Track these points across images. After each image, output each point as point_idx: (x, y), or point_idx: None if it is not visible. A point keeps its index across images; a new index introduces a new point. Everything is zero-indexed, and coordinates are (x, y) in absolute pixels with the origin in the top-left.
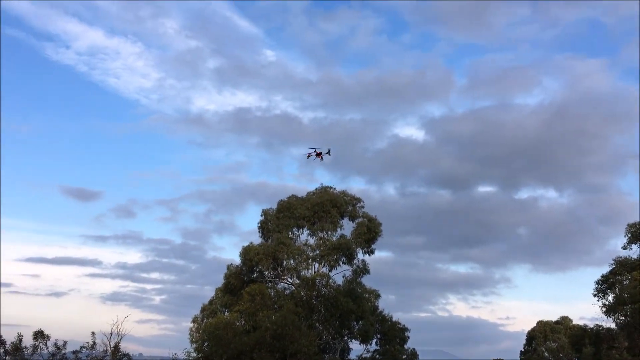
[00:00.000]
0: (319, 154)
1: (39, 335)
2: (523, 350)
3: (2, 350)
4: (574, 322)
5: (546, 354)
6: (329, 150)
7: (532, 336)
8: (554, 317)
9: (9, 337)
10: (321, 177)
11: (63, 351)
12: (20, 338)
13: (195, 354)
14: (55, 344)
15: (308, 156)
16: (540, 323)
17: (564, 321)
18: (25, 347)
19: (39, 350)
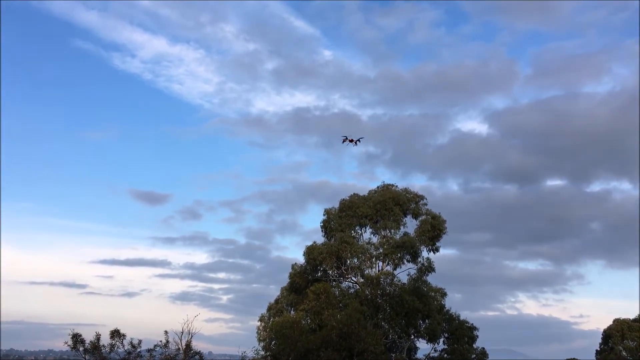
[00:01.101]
0: (352, 140)
1: (116, 334)
2: (599, 349)
3: (81, 349)
4: None
5: (624, 353)
6: (360, 139)
7: (608, 335)
8: (631, 315)
9: (88, 336)
10: (382, 175)
11: (138, 349)
12: (98, 337)
13: (263, 352)
14: (131, 342)
15: (343, 141)
16: (616, 321)
17: None
18: (103, 345)
19: (115, 348)
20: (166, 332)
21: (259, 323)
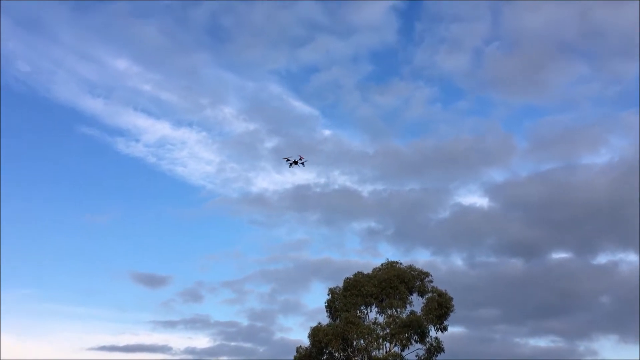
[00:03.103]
0: (294, 162)
1: None
2: None
3: None
4: None
5: None
6: (302, 160)
7: None
8: None
9: None
10: (385, 251)
11: None
12: None
13: None
14: None
15: (287, 160)
16: None
17: None
18: None
19: None
20: None
21: None
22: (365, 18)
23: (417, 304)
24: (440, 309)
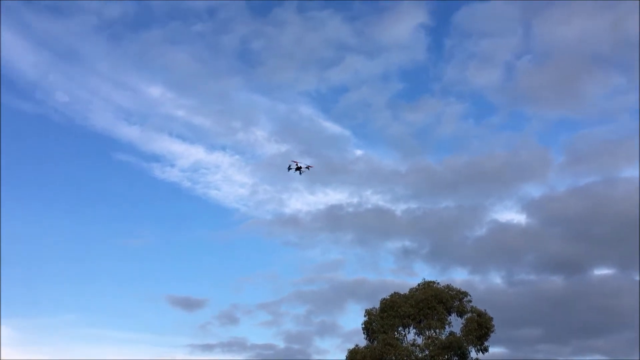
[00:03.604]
0: (298, 168)
1: None
2: None
3: None
4: None
5: None
6: (308, 166)
7: None
8: None
9: None
10: (420, 270)
11: None
12: None
13: None
14: None
15: (289, 169)
16: None
17: None
18: None
19: None
20: None
21: None
22: (393, 37)
23: (456, 324)
24: (480, 329)
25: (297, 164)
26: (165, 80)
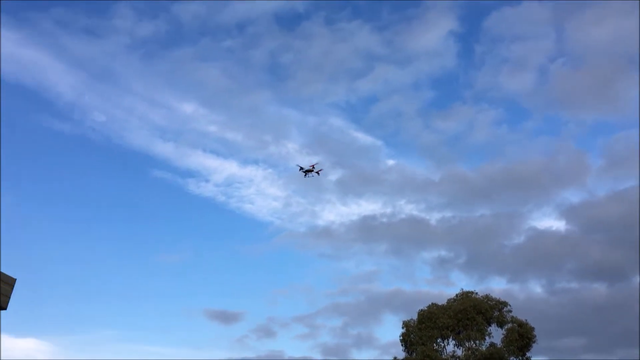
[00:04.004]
0: (308, 171)
1: None
2: None
3: None
4: None
5: None
6: (315, 168)
7: None
8: None
9: None
10: (457, 280)
11: None
12: None
13: None
14: None
15: (300, 169)
16: None
17: None
18: None
19: None
20: None
21: None
22: (423, 45)
23: (496, 335)
24: (522, 339)
25: (305, 168)
26: (197, 96)
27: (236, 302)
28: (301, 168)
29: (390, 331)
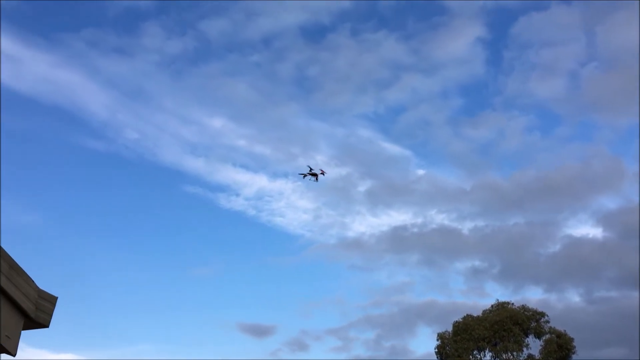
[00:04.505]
0: (310, 174)
1: None
2: None
3: None
4: None
5: None
6: (323, 172)
7: None
8: None
9: None
10: (492, 290)
11: None
12: None
13: None
14: None
15: (304, 176)
16: None
17: None
18: None
19: None
20: None
21: None
22: (450, 53)
23: (534, 346)
24: (561, 351)
25: (306, 173)
26: (225, 111)
27: (268, 315)
28: (310, 170)
29: (424, 343)
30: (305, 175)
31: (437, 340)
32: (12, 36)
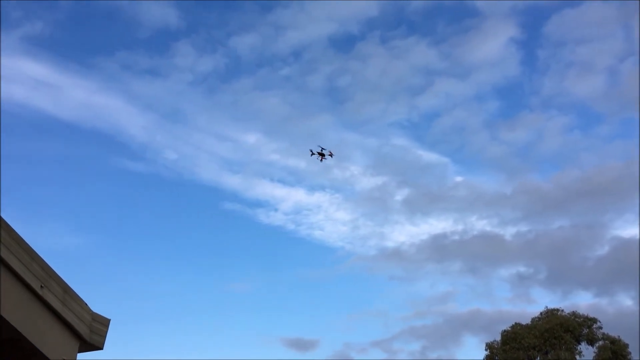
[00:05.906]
0: (320, 154)
1: None
2: None
3: None
4: None
5: None
6: (330, 153)
7: None
8: None
9: None
10: (539, 297)
11: None
12: None
13: None
14: None
15: (312, 154)
16: None
17: None
18: None
19: None
20: None
21: None
22: (483, 55)
23: (587, 354)
24: (615, 357)
25: (316, 152)
26: (258, 126)
27: (311, 329)
28: (322, 149)
29: (471, 353)
30: (313, 154)
31: (486, 350)
32: (49, 63)
